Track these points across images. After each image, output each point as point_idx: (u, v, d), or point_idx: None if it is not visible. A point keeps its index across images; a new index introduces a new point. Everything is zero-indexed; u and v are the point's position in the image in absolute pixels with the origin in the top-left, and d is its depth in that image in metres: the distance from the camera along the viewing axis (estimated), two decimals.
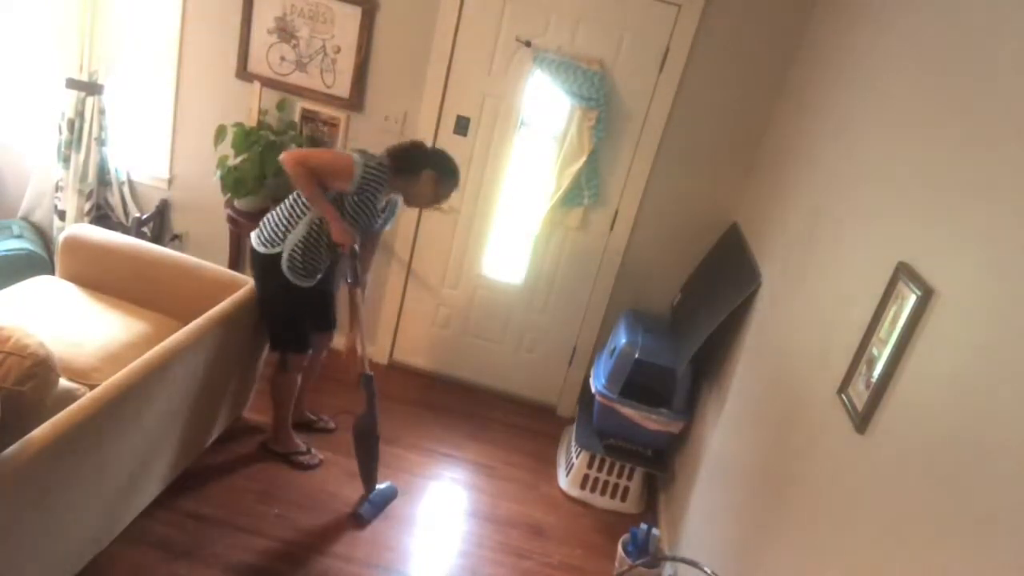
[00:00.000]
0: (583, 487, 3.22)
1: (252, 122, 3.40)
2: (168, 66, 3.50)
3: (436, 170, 2.61)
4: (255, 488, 2.79)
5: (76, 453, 1.89)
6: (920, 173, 1.67)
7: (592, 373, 3.31)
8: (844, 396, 1.71)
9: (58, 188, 3.64)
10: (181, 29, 3.42)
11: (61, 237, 2.93)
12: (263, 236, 2.60)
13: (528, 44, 3.20)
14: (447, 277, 3.69)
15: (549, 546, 2.91)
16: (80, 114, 3.51)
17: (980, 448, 1.19)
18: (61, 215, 3.67)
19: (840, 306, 1.92)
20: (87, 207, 3.65)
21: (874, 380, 1.57)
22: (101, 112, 3.53)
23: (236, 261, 3.70)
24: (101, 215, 3.72)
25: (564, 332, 3.70)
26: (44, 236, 3.77)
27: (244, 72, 3.44)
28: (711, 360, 3.04)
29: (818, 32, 2.85)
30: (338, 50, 3.35)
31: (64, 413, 1.84)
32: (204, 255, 3.13)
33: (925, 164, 1.66)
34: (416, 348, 3.86)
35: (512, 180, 3.48)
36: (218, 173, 3.36)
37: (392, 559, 2.65)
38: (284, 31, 3.36)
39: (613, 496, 3.22)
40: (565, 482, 3.26)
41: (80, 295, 2.79)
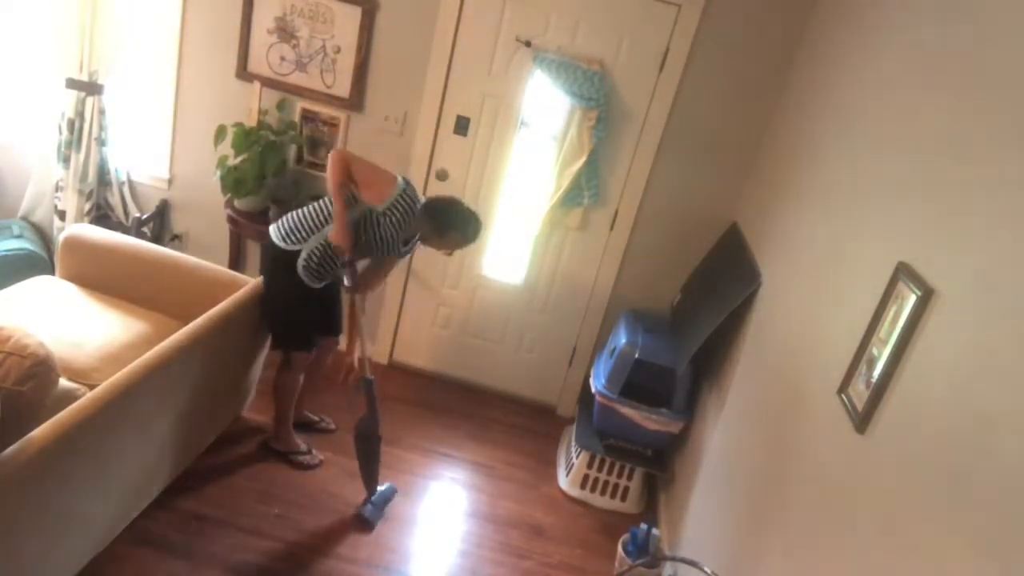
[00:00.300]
0: (583, 487, 3.22)
1: (252, 122, 3.40)
2: (168, 66, 3.50)
3: (462, 233, 2.67)
4: (255, 488, 2.79)
5: (76, 453, 1.89)
6: (920, 173, 1.67)
7: (592, 373, 3.31)
8: (844, 396, 1.71)
9: (58, 188, 3.64)
10: (181, 29, 3.42)
11: (61, 237, 2.93)
12: (283, 230, 2.60)
13: (528, 44, 3.20)
14: (447, 277, 3.69)
15: (549, 546, 2.91)
16: (80, 114, 3.51)
17: (980, 448, 1.19)
18: (61, 215, 3.67)
19: (840, 306, 1.92)
20: (87, 207, 3.65)
21: (874, 380, 1.57)
22: (101, 112, 3.53)
23: (236, 261, 3.71)
24: (101, 215, 3.72)
25: (564, 332, 3.70)
26: (44, 236, 3.77)
27: (244, 72, 3.44)
28: (711, 360, 3.04)
29: (818, 32, 2.85)
30: (338, 50, 3.35)
31: (64, 413, 1.84)
32: (204, 255, 3.13)
33: (925, 164, 1.66)
34: (416, 348, 3.86)
35: (512, 180, 3.48)
36: (218, 173, 3.36)
37: (392, 559, 2.65)
38: (284, 31, 3.36)
39: (613, 496, 3.22)
40: (565, 482, 3.26)
41: (80, 295, 2.79)
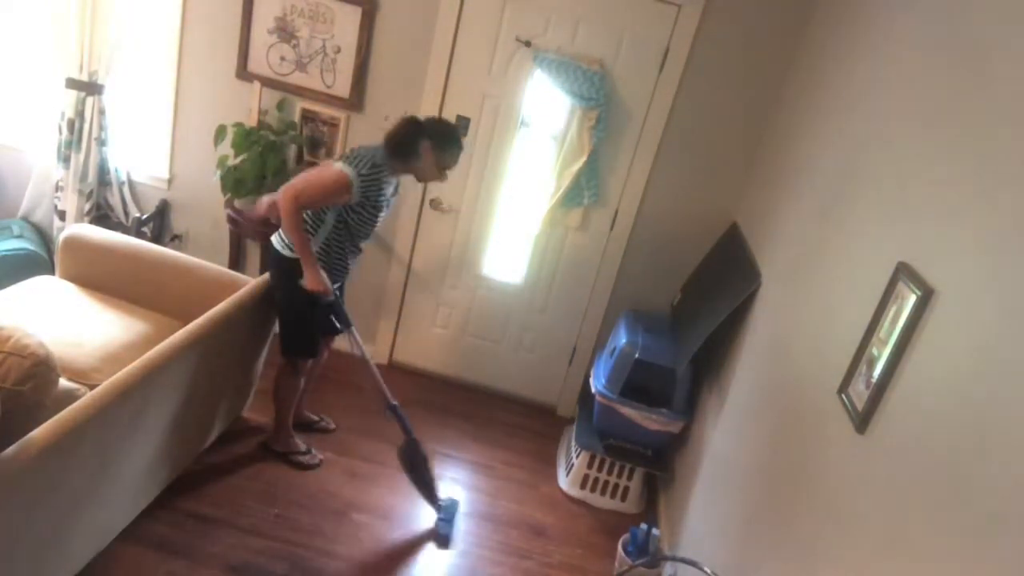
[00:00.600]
0: (583, 487, 3.22)
1: (252, 122, 3.39)
2: (168, 66, 3.50)
3: (432, 139, 2.57)
4: (255, 488, 2.79)
5: (76, 453, 1.89)
6: (920, 173, 1.67)
7: (592, 373, 3.30)
8: (844, 396, 1.70)
9: (58, 188, 3.64)
10: (181, 29, 3.42)
11: (61, 237, 2.93)
12: (285, 239, 2.60)
13: (528, 44, 3.20)
14: (447, 277, 3.69)
15: (549, 546, 2.91)
16: (80, 114, 3.51)
17: (980, 448, 1.19)
18: (61, 215, 3.67)
19: (840, 306, 1.92)
20: (87, 207, 3.65)
21: (874, 380, 1.57)
22: (101, 112, 3.53)
23: (236, 261, 3.70)
24: (101, 215, 3.72)
25: (564, 332, 3.70)
26: (44, 236, 3.77)
27: (244, 72, 3.44)
28: (711, 360, 3.04)
29: (818, 32, 2.85)
30: (338, 50, 3.35)
31: (64, 413, 1.84)
32: (204, 255, 3.13)
33: (925, 164, 1.66)
34: (416, 348, 3.86)
35: (512, 180, 3.48)
36: (218, 173, 3.36)
37: (392, 559, 2.65)
38: (284, 31, 3.36)
39: (613, 496, 3.22)
40: (565, 482, 3.26)
41: (80, 295, 2.79)
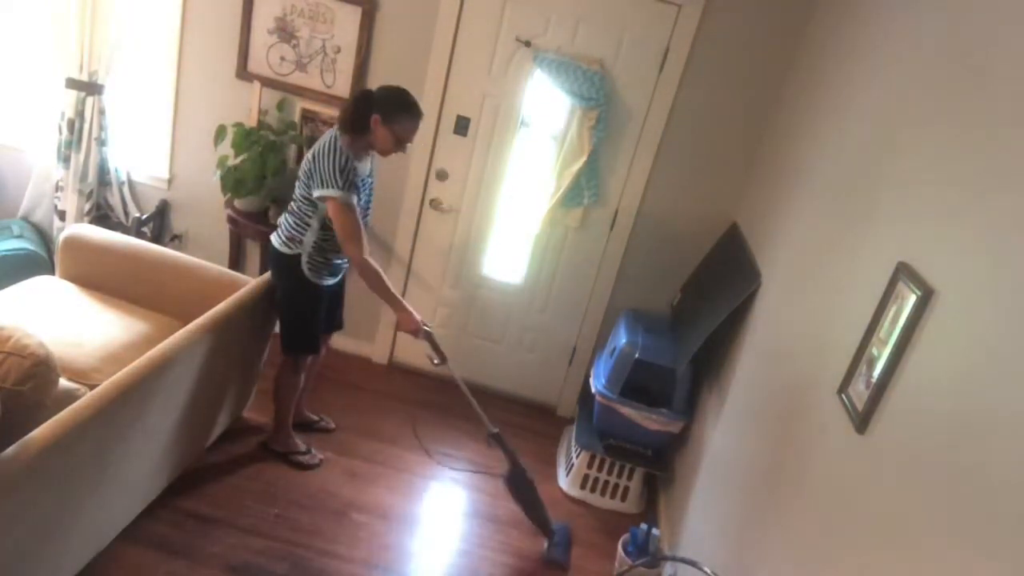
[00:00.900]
0: (583, 487, 3.22)
1: (252, 122, 3.40)
2: (168, 66, 3.50)
3: (381, 112, 2.43)
4: (255, 488, 2.79)
5: (76, 453, 1.89)
6: (920, 173, 1.67)
7: (592, 373, 3.30)
8: (844, 396, 1.70)
9: (58, 188, 3.64)
10: (181, 29, 3.42)
11: (61, 237, 2.93)
12: (283, 237, 2.61)
13: (528, 44, 3.20)
14: (447, 277, 3.69)
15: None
16: (80, 114, 3.51)
17: (980, 448, 1.19)
18: (61, 215, 3.67)
19: (840, 306, 1.92)
20: (87, 207, 3.65)
21: (874, 380, 1.57)
22: (101, 112, 3.53)
23: (236, 261, 3.71)
24: (101, 215, 3.72)
25: (564, 332, 3.70)
26: (44, 236, 3.77)
27: (244, 72, 3.44)
28: (711, 360, 3.04)
29: (818, 32, 2.85)
30: (338, 50, 3.35)
31: (64, 413, 1.84)
32: (204, 255, 3.13)
33: (925, 164, 1.66)
34: (416, 348, 3.85)
35: (512, 180, 3.48)
36: (218, 173, 3.36)
37: (392, 559, 2.65)
38: (284, 31, 3.36)
39: (613, 496, 3.22)
40: (565, 482, 3.26)
41: (80, 295, 2.79)
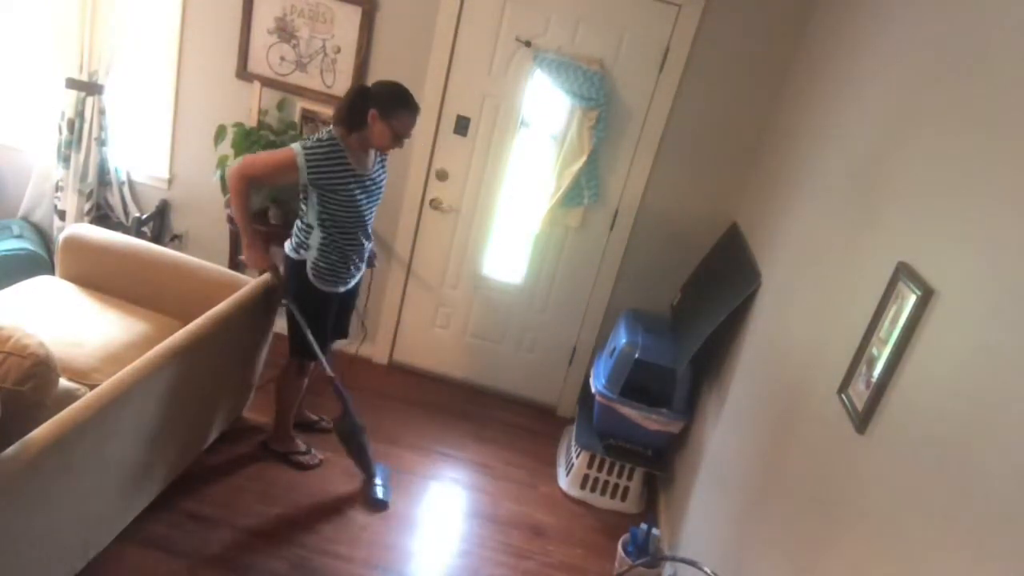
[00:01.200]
0: (583, 487, 3.22)
1: (252, 122, 3.40)
2: (168, 66, 3.50)
3: (378, 107, 2.42)
4: (255, 488, 2.79)
5: (76, 453, 1.89)
6: (920, 173, 1.67)
7: (592, 373, 3.30)
8: (844, 396, 1.70)
9: (58, 188, 3.64)
10: (181, 29, 3.42)
11: (61, 237, 2.93)
12: (293, 242, 2.63)
13: (528, 44, 3.20)
14: (447, 277, 3.69)
15: (549, 546, 2.91)
16: (80, 114, 3.51)
17: (980, 448, 1.19)
18: (61, 215, 3.67)
19: (840, 306, 1.92)
20: (87, 207, 3.65)
21: (874, 380, 1.57)
22: (101, 112, 3.54)
23: (236, 261, 3.71)
24: (101, 215, 3.72)
25: (564, 332, 3.70)
26: (44, 236, 3.77)
27: (244, 72, 3.44)
28: (711, 360, 3.04)
29: (818, 32, 2.85)
30: (338, 50, 3.35)
31: (64, 413, 1.84)
32: (204, 255, 3.13)
33: (925, 164, 1.66)
34: (416, 348, 3.86)
35: (512, 180, 3.48)
36: (218, 173, 3.36)
37: (392, 559, 2.65)
38: (284, 31, 3.36)
39: (613, 496, 3.22)
40: (565, 482, 3.26)
41: (80, 295, 2.79)
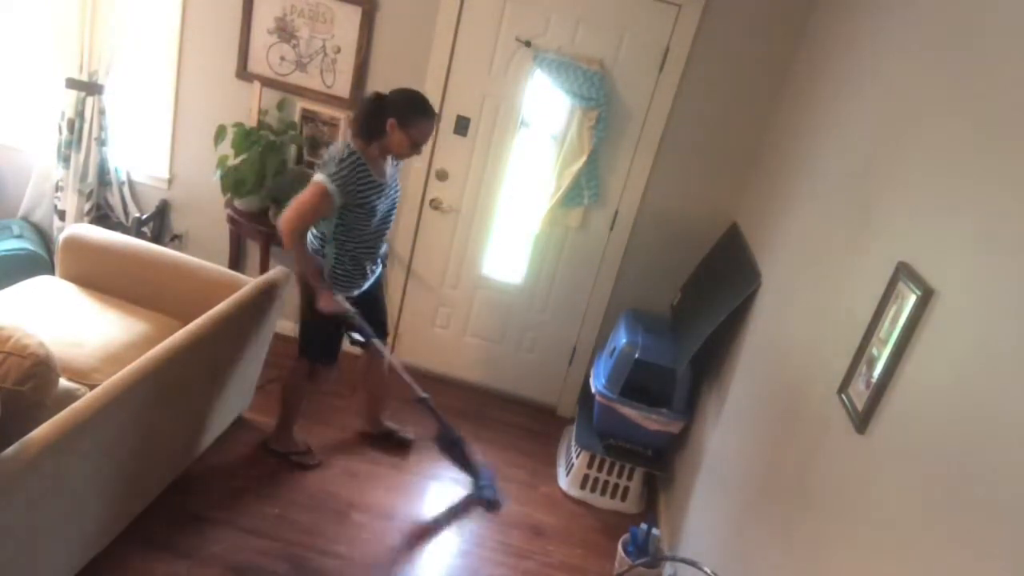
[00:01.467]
0: (583, 487, 3.22)
1: (252, 122, 3.40)
2: (168, 66, 3.50)
3: (395, 114, 2.41)
4: (255, 488, 2.79)
5: (76, 453, 1.89)
6: (920, 173, 1.67)
7: (592, 373, 3.30)
8: (844, 396, 1.70)
9: (58, 188, 3.64)
10: (181, 29, 3.42)
11: (61, 237, 2.93)
12: (312, 247, 2.62)
13: (528, 44, 3.20)
14: (447, 277, 3.69)
15: (549, 546, 2.91)
16: (80, 114, 3.51)
17: (980, 448, 1.19)
18: (61, 215, 3.67)
19: (840, 306, 1.92)
20: (87, 207, 3.65)
21: (874, 380, 1.57)
22: (101, 112, 3.53)
23: (236, 261, 3.71)
24: (101, 215, 3.72)
25: (564, 332, 3.70)
26: (44, 236, 3.77)
27: (244, 72, 3.44)
28: (711, 360, 3.04)
29: (818, 31, 2.85)
30: (338, 50, 3.35)
31: (64, 413, 1.84)
32: (204, 255, 3.13)
33: (925, 163, 1.66)
34: (416, 348, 3.86)
35: (512, 180, 3.48)
36: (218, 173, 3.36)
37: (392, 559, 2.64)
38: (284, 31, 3.36)
39: (613, 496, 3.22)
40: (565, 482, 3.26)
41: (80, 295, 2.79)
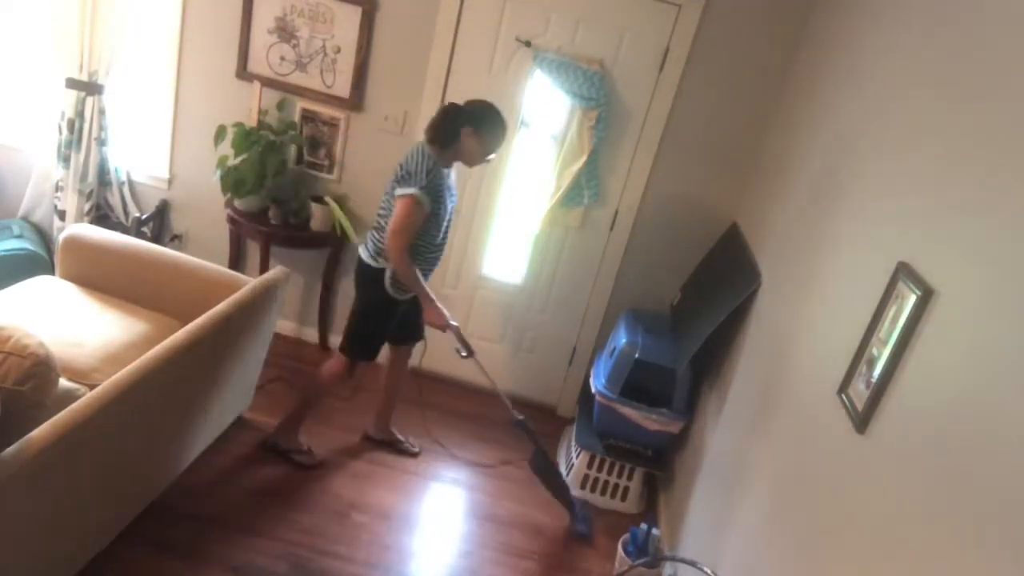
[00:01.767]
0: (583, 487, 3.22)
1: (252, 122, 3.39)
2: (168, 66, 3.50)
3: (472, 124, 2.52)
4: (255, 488, 2.79)
5: (76, 453, 1.89)
6: (920, 173, 1.67)
7: (592, 373, 3.30)
8: (844, 396, 1.70)
9: (58, 188, 3.64)
10: (181, 29, 3.43)
11: (61, 237, 2.93)
12: (370, 250, 2.66)
13: (528, 44, 3.20)
14: (447, 277, 3.69)
15: (549, 546, 2.91)
16: (80, 114, 3.51)
17: (980, 448, 1.19)
18: (61, 215, 3.67)
19: (840, 306, 1.92)
20: (87, 207, 3.65)
21: (874, 380, 1.57)
22: (101, 112, 3.53)
23: (236, 261, 3.71)
24: (101, 215, 3.72)
25: (564, 332, 3.70)
26: (44, 236, 3.77)
27: (244, 72, 3.44)
28: (711, 360, 3.04)
29: (818, 32, 2.85)
30: (338, 50, 3.35)
31: (64, 413, 1.84)
32: (204, 255, 3.13)
33: (926, 163, 1.66)
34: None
35: (512, 180, 3.48)
36: (218, 173, 3.36)
37: (392, 559, 2.65)
38: (284, 31, 3.36)
39: (613, 496, 3.22)
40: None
41: (80, 295, 2.79)
